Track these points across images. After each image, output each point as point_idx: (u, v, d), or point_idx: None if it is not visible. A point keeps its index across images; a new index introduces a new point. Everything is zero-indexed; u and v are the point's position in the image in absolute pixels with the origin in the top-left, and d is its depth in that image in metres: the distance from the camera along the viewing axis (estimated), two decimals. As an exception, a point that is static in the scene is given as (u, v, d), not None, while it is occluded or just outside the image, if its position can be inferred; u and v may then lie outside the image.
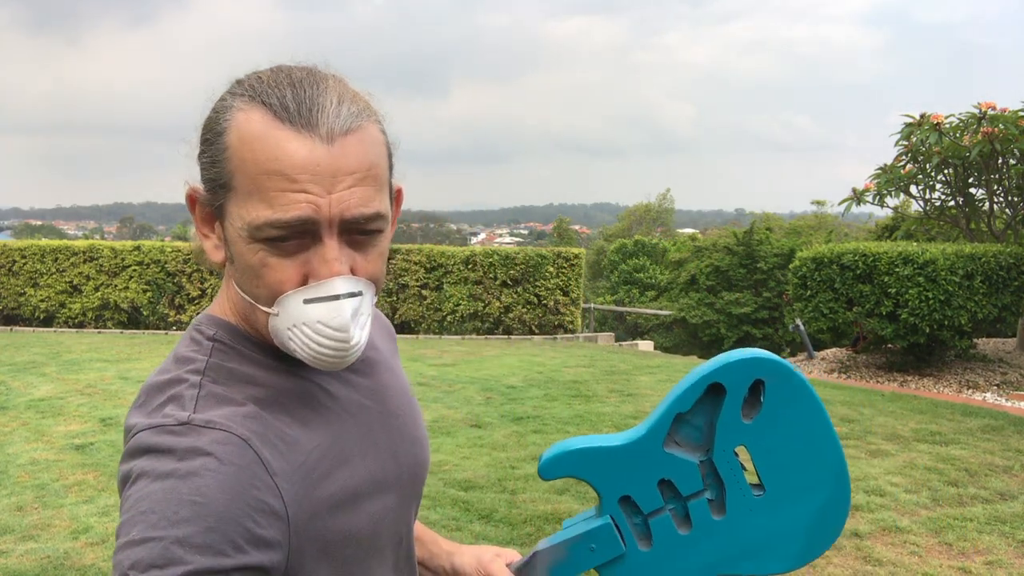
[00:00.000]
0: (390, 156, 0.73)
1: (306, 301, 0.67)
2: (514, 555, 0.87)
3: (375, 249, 0.71)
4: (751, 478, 0.70)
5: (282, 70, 0.69)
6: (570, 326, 11.79)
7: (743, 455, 0.70)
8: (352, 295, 0.68)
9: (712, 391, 0.70)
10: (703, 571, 0.68)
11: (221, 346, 0.74)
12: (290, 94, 0.66)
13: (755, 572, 0.68)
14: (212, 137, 0.69)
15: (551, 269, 11.61)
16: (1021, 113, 7.69)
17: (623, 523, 0.71)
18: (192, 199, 0.72)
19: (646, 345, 13.01)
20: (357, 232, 0.69)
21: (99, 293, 12.11)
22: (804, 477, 0.67)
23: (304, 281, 0.68)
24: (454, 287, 11.54)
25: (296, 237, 0.66)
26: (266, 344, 0.74)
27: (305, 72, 0.69)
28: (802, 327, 9.15)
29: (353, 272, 0.69)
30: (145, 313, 12.03)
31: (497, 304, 11.53)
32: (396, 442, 0.81)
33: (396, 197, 0.77)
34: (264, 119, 0.65)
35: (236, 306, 0.75)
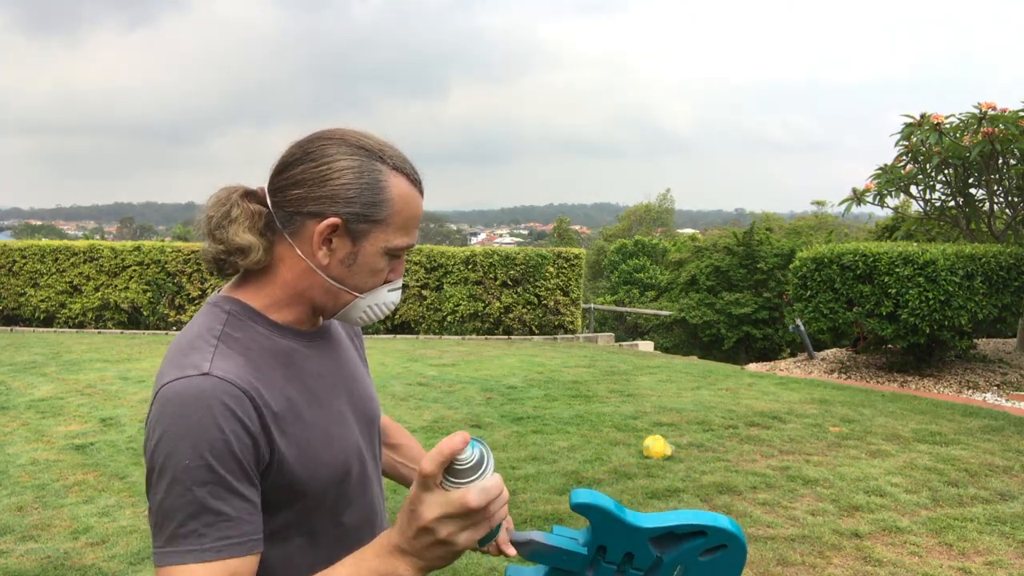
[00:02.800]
0: None
1: (390, 290, 1.07)
2: (510, 523, 1.18)
3: None
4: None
5: (387, 143, 1.04)
6: (570, 326, 11.79)
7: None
8: (401, 287, 1.14)
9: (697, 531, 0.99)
10: None
11: (234, 319, 1.00)
12: (411, 168, 1.04)
13: None
14: (375, 192, 0.99)
15: (551, 269, 11.61)
16: (1021, 113, 7.69)
17: (589, 557, 1.01)
18: (333, 225, 0.98)
19: (646, 345, 13.01)
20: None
21: (99, 293, 12.11)
22: None
23: (386, 279, 1.06)
24: (454, 287, 11.54)
25: (401, 255, 1.05)
26: (267, 320, 1.02)
27: (395, 147, 1.05)
28: (802, 327, 9.15)
29: None
30: (145, 313, 12.03)
31: (497, 304, 11.53)
32: (352, 394, 1.11)
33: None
34: (408, 186, 1.02)
35: (291, 294, 1.03)
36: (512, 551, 1.10)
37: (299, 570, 0.99)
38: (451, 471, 0.81)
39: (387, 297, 1.07)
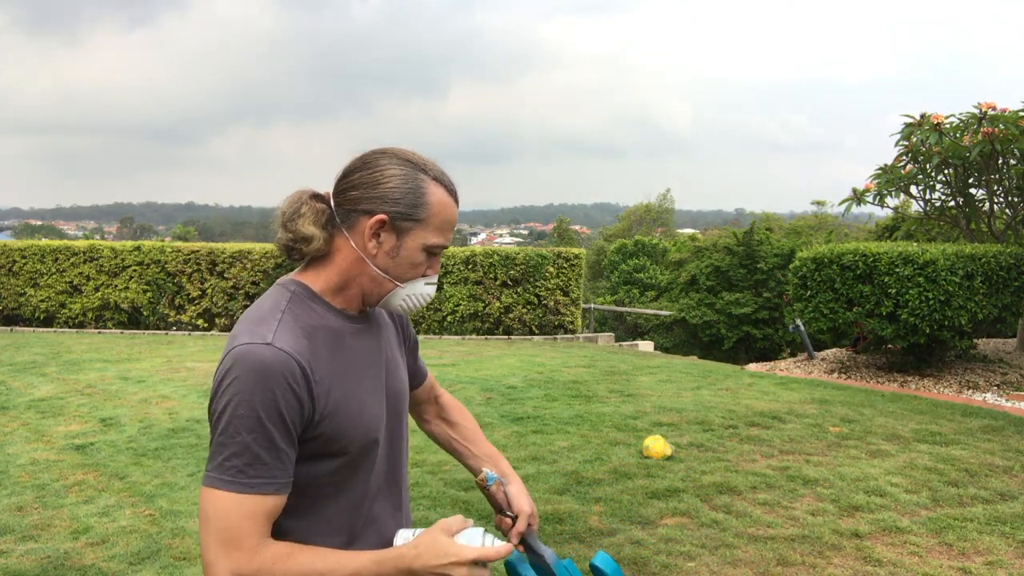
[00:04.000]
0: None
1: (426, 283, 1.26)
2: (536, 522, 1.40)
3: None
4: None
5: (431, 160, 1.24)
6: (570, 326, 11.79)
7: None
8: (436, 283, 1.28)
9: None
10: None
11: (297, 298, 1.20)
12: (448, 180, 1.24)
13: None
14: (417, 196, 1.20)
15: (551, 269, 11.60)
16: (1021, 113, 7.69)
17: None
18: (381, 220, 1.19)
19: (646, 345, 13.01)
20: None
21: (99, 293, 12.11)
22: None
23: (424, 273, 1.25)
24: (454, 287, 11.54)
25: (438, 252, 1.24)
26: (323, 302, 1.22)
27: (438, 163, 1.25)
28: (802, 327, 9.15)
29: None
30: (145, 313, 12.03)
31: (497, 304, 11.53)
32: (388, 376, 1.31)
33: None
34: (446, 194, 1.23)
35: (345, 280, 1.23)
36: (514, 542, 1.32)
37: (328, 519, 1.20)
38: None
39: (424, 289, 1.26)
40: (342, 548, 1.17)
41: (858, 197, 8.83)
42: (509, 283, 11.58)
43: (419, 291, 1.25)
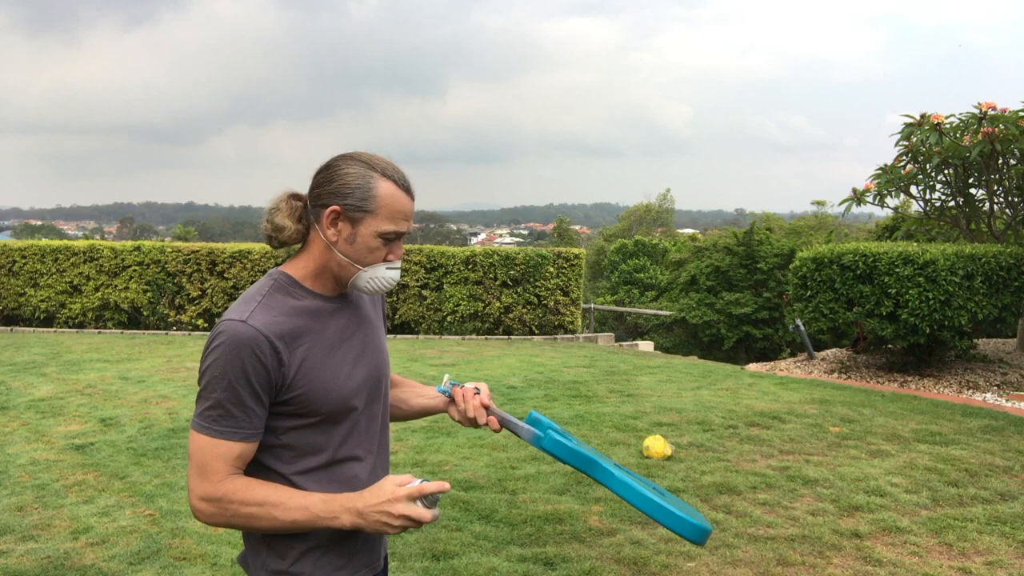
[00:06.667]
0: None
1: (388, 268, 1.44)
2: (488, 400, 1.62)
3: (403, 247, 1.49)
4: None
5: (388, 161, 1.43)
6: (570, 326, 11.78)
7: None
8: (399, 268, 1.47)
9: None
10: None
11: (278, 284, 1.42)
12: (399, 175, 1.42)
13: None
14: (366, 190, 1.39)
15: (551, 269, 11.60)
16: (1021, 113, 7.69)
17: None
18: (336, 211, 1.39)
19: (646, 345, 13.01)
20: (403, 239, 1.46)
21: (99, 293, 12.10)
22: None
23: (385, 258, 1.43)
24: (454, 287, 11.53)
25: (394, 239, 1.42)
26: (302, 287, 1.43)
27: (394, 164, 1.44)
28: (802, 327, 9.15)
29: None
30: (145, 313, 12.03)
31: (497, 304, 11.52)
32: (368, 349, 1.50)
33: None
34: (395, 188, 1.41)
35: (319, 266, 1.43)
36: (496, 425, 1.56)
37: (308, 470, 1.40)
38: (425, 497, 1.32)
39: (386, 273, 1.44)
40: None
41: (858, 197, 8.83)
42: (509, 283, 11.57)
43: (381, 275, 1.43)
